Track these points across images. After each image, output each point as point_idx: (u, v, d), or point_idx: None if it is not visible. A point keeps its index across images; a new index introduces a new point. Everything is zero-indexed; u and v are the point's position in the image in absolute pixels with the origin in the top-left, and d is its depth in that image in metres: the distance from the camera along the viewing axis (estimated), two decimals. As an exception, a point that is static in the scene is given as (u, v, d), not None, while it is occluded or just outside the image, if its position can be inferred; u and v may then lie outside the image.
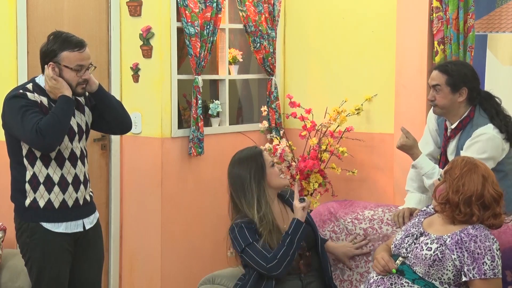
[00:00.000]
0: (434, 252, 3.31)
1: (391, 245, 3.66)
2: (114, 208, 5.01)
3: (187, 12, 4.88)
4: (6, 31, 4.53)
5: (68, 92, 3.54)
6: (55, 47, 3.57)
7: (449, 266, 3.29)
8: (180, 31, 4.94)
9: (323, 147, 5.01)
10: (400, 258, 3.43)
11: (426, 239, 3.39)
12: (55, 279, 3.63)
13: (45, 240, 3.61)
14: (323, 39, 5.32)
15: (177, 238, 4.98)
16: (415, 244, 3.41)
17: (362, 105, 5.01)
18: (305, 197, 3.73)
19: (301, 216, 3.58)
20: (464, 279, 3.26)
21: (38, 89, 3.61)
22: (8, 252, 4.08)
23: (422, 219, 3.60)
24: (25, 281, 3.89)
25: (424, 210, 3.70)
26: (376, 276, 3.45)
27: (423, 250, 3.34)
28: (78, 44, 3.59)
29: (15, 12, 4.52)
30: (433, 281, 3.32)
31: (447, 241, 3.32)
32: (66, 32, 3.64)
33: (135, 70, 4.96)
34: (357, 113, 5.01)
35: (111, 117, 3.78)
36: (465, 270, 3.26)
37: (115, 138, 4.98)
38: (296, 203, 3.59)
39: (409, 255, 3.40)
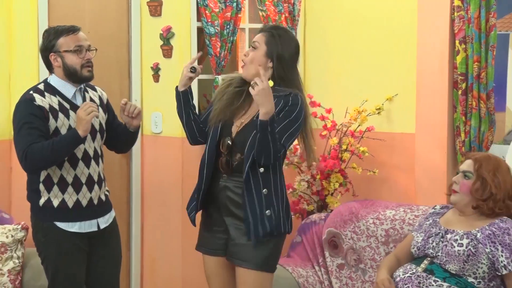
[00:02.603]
0: (466, 248, 3.31)
1: (400, 255, 3.66)
2: (135, 208, 5.02)
3: (207, 12, 4.88)
4: (27, 31, 4.55)
5: (84, 134, 3.52)
6: (50, 38, 3.65)
7: (484, 260, 3.29)
8: (200, 31, 4.94)
9: (344, 147, 5.00)
10: (428, 258, 3.42)
11: (454, 236, 3.39)
12: (70, 278, 3.66)
13: (59, 240, 3.63)
14: (344, 39, 5.30)
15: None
16: (443, 242, 3.41)
17: (383, 104, 4.99)
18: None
19: None
20: (504, 272, 3.27)
21: (49, 88, 3.65)
22: (30, 251, 4.10)
23: (437, 219, 3.61)
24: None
25: (432, 212, 3.71)
26: (403, 274, 3.45)
27: (454, 247, 3.34)
28: (71, 28, 3.67)
29: (37, 12, 4.55)
30: (468, 277, 3.32)
31: (478, 236, 3.33)
32: (57, 25, 3.70)
33: (156, 70, 4.96)
34: (378, 113, 4.98)
35: (119, 145, 3.98)
36: (504, 263, 3.26)
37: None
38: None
39: (439, 254, 3.39)
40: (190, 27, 4.88)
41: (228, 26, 4.95)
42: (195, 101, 4.93)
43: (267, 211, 3.40)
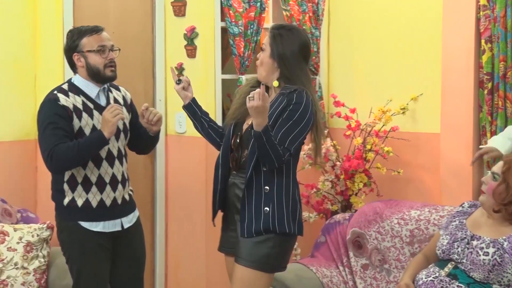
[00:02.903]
0: (492, 257, 3.26)
1: (428, 254, 3.63)
2: (159, 207, 5.03)
3: (231, 12, 4.88)
4: (53, 32, 4.58)
5: (109, 135, 3.54)
6: (74, 38, 3.67)
7: (509, 269, 3.24)
8: (224, 30, 4.95)
9: (368, 147, 4.98)
10: (452, 262, 3.39)
11: (480, 244, 3.34)
12: (95, 277, 3.67)
13: (83, 239, 3.65)
14: (368, 38, 5.28)
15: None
16: (468, 249, 3.36)
17: (407, 104, 4.96)
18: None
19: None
20: None
21: (73, 88, 3.67)
22: (56, 250, 4.12)
23: (464, 221, 3.56)
24: (73, 279, 3.94)
25: (460, 210, 3.65)
26: (425, 278, 3.42)
27: (479, 255, 3.29)
28: (94, 28, 3.68)
29: (62, 12, 4.57)
30: (492, 285, 3.28)
31: (505, 245, 3.28)
32: (80, 25, 3.73)
33: (180, 70, 4.98)
34: (403, 113, 4.96)
35: (139, 146, 3.97)
36: None
37: (160, 138, 5.00)
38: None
39: (464, 260, 3.35)
40: (214, 27, 4.89)
41: (252, 26, 4.95)
42: (219, 101, 4.94)
43: (265, 208, 3.40)
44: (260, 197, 3.41)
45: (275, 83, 3.48)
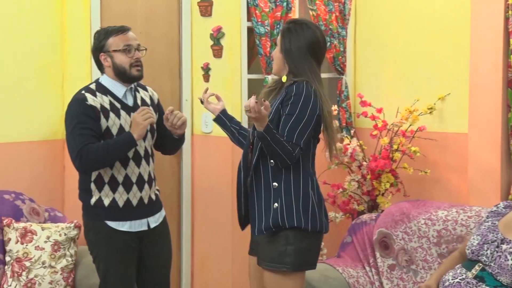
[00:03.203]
0: None
1: (464, 252, 3.59)
2: (185, 207, 5.05)
3: (257, 11, 4.88)
4: (80, 32, 4.61)
5: (138, 138, 3.57)
6: (101, 38, 3.70)
7: None
8: (250, 30, 4.95)
9: (395, 147, 4.95)
10: (480, 264, 3.36)
11: (510, 248, 3.30)
12: (122, 276, 3.69)
13: (110, 238, 3.67)
14: (395, 37, 5.25)
15: (248, 237, 4.96)
16: (497, 252, 3.33)
17: (435, 104, 4.93)
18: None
19: None
20: None
21: (101, 88, 3.69)
22: (83, 249, 4.14)
23: (496, 222, 3.52)
24: (100, 278, 3.96)
25: (494, 210, 3.62)
26: (452, 279, 3.39)
27: (508, 260, 3.26)
28: (120, 28, 3.70)
29: (89, 13, 4.61)
30: None
31: None
32: (107, 26, 3.75)
33: (206, 70, 4.98)
34: (430, 113, 4.93)
35: (164, 147, 3.96)
36: None
37: (186, 138, 5.01)
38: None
39: (492, 264, 3.32)
40: (240, 27, 4.89)
41: (278, 26, 4.94)
42: (245, 101, 4.94)
43: (274, 204, 3.38)
44: (269, 194, 3.40)
45: (284, 78, 3.49)
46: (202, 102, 3.81)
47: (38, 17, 4.58)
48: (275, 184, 3.39)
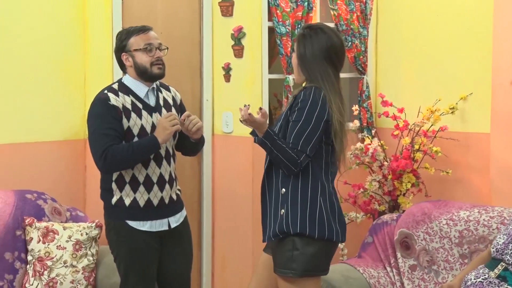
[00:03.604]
0: None
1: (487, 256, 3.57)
2: (206, 207, 5.05)
3: (278, 11, 4.88)
4: (102, 32, 4.64)
5: (163, 142, 3.58)
6: (122, 38, 3.72)
7: None
8: (271, 30, 4.95)
9: (416, 147, 4.93)
10: (503, 264, 3.34)
11: None
12: (142, 275, 3.70)
13: (130, 238, 3.68)
14: (416, 37, 5.23)
15: (268, 237, 4.98)
16: (520, 253, 3.31)
17: (457, 104, 4.90)
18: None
19: None
20: None
21: (123, 88, 3.70)
22: (104, 248, 4.16)
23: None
24: (121, 278, 3.97)
25: None
26: (474, 279, 3.38)
27: None
28: (142, 28, 3.72)
29: (111, 14, 4.63)
30: None
31: None
32: (129, 26, 3.77)
33: (227, 69, 4.99)
34: (452, 112, 4.90)
35: (184, 148, 3.95)
36: None
37: (207, 138, 5.03)
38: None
39: None
40: (261, 27, 4.89)
41: (299, 26, 4.94)
42: (266, 101, 4.95)
43: (281, 211, 3.37)
44: (277, 200, 3.39)
45: (304, 85, 3.47)
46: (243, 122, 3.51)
47: (60, 18, 4.61)
48: (283, 190, 3.38)
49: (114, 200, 3.68)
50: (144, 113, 3.68)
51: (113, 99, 3.62)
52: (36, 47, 4.52)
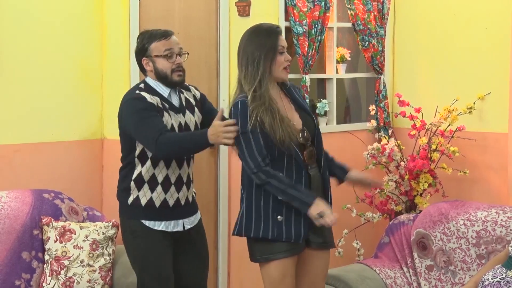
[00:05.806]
0: None
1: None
2: (222, 207, 5.06)
3: (295, 11, 4.88)
4: (119, 32, 4.65)
5: (214, 142, 3.52)
6: (144, 42, 3.68)
7: None
8: (288, 30, 4.94)
9: (433, 147, 4.91)
10: None
11: None
12: (158, 275, 3.70)
13: (146, 238, 3.68)
14: (434, 37, 5.21)
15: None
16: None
17: (474, 103, 4.88)
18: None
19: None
20: None
21: (150, 89, 3.69)
22: (120, 248, 4.17)
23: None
24: (137, 277, 3.98)
25: None
26: (492, 278, 3.36)
27: None
28: (164, 34, 3.68)
29: (128, 13, 4.64)
30: None
31: None
32: (152, 29, 3.73)
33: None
34: (469, 112, 4.88)
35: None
36: None
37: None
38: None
39: None
40: (277, 27, 4.88)
41: (316, 25, 4.94)
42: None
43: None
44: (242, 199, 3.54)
45: None
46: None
47: (78, 19, 4.62)
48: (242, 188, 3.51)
49: (130, 199, 3.69)
50: (171, 113, 3.68)
51: (148, 97, 3.61)
52: (53, 48, 4.54)
